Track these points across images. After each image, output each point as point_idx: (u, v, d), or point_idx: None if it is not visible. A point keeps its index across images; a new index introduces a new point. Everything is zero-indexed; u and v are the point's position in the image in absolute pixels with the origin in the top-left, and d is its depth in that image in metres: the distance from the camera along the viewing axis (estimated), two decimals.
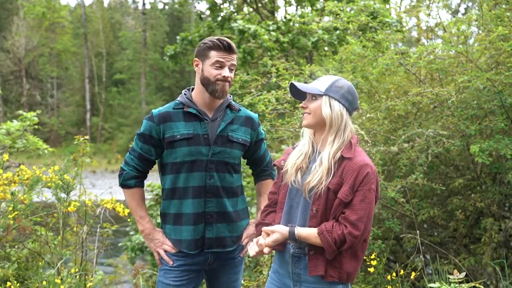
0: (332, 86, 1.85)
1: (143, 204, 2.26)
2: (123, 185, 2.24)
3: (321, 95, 1.84)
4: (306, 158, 1.89)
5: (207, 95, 2.17)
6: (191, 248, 2.17)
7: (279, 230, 1.79)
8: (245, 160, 2.46)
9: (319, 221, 1.79)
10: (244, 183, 6.24)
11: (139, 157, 2.21)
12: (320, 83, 1.87)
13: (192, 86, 2.29)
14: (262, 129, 2.42)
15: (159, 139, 2.16)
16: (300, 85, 1.88)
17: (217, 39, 2.15)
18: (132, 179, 2.22)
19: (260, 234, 1.90)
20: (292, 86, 1.90)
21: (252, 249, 1.81)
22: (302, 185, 1.84)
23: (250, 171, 2.57)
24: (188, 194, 2.15)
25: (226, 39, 2.16)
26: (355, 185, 1.76)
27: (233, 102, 2.28)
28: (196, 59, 2.20)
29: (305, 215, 1.83)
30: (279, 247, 1.89)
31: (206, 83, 2.15)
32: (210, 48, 2.14)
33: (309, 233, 1.78)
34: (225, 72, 2.13)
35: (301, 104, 1.90)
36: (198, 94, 2.20)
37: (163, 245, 2.22)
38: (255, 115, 2.33)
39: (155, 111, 2.20)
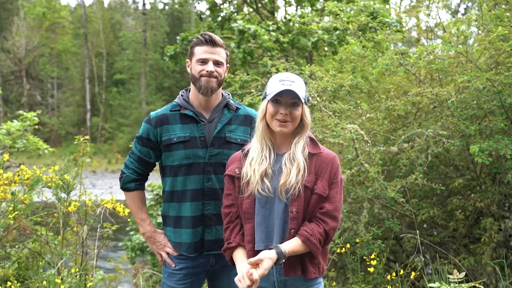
0: (306, 92, 1.85)
1: (143, 207, 2.26)
2: (124, 188, 2.25)
3: (301, 102, 1.81)
4: (269, 162, 1.82)
5: (200, 95, 2.15)
6: (190, 251, 2.17)
7: (268, 257, 1.69)
8: None
9: (300, 222, 1.78)
10: None
11: (139, 160, 2.21)
12: (299, 88, 1.79)
13: (189, 87, 2.27)
14: None
15: (157, 142, 2.16)
16: (299, 93, 1.78)
17: (200, 35, 2.12)
18: (132, 182, 2.22)
19: (229, 259, 1.87)
20: (289, 92, 1.77)
21: (243, 283, 1.68)
22: (275, 190, 1.78)
23: None
24: (187, 197, 2.15)
25: (208, 33, 2.12)
26: (331, 178, 1.80)
27: (231, 101, 2.24)
28: (187, 60, 2.21)
29: (284, 219, 1.79)
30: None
31: (194, 80, 2.14)
32: (194, 45, 2.13)
33: (294, 245, 1.74)
34: (209, 67, 2.09)
35: (283, 111, 1.78)
36: (193, 95, 2.19)
37: (165, 247, 2.22)
38: (255, 113, 2.27)
39: (153, 113, 2.19)
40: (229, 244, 1.88)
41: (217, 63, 2.12)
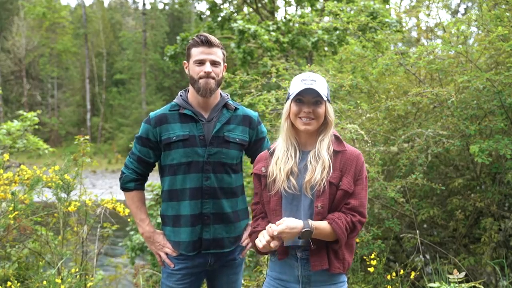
0: (328, 89, 1.89)
1: (143, 207, 2.26)
2: (123, 188, 2.25)
3: (324, 100, 1.85)
4: (295, 161, 1.87)
5: (199, 96, 2.16)
6: (189, 250, 2.18)
7: (290, 219, 1.72)
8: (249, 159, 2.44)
9: (325, 217, 1.80)
10: (244, 183, 6.23)
11: (138, 160, 2.22)
12: (321, 87, 1.83)
13: (187, 87, 2.28)
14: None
15: (157, 142, 2.17)
16: (321, 91, 1.81)
17: (196, 36, 2.12)
18: (131, 182, 2.23)
19: (253, 243, 1.86)
20: (311, 91, 1.80)
21: (262, 240, 1.72)
22: (300, 187, 1.83)
23: (250, 170, 2.55)
24: (185, 196, 2.15)
25: (204, 34, 2.13)
26: (356, 174, 1.83)
27: (230, 101, 2.25)
28: (185, 61, 2.22)
29: (310, 215, 1.82)
30: (281, 255, 1.87)
31: (192, 82, 2.15)
32: (191, 46, 2.14)
33: (321, 224, 1.76)
34: (206, 67, 2.10)
35: (307, 110, 1.82)
36: (192, 95, 2.20)
37: (164, 247, 2.22)
38: (254, 114, 2.31)
39: (152, 114, 2.20)
40: (255, 228, 1.93)
41: (214, 63, 2.13)
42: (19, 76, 33.42)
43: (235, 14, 10.74)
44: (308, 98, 1.83)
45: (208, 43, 2.11)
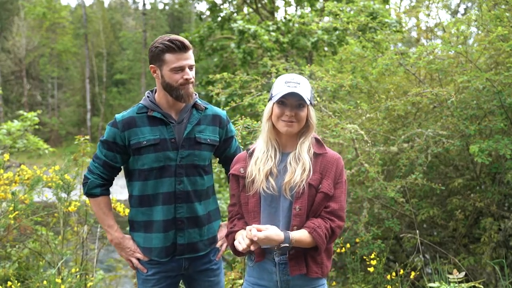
0: (311, 93, 1.87)
1: (110, 213, 2.18)
2: (88, 194, 2.15)
3: (306, 104, 1.83)
4: (274, 162, 1.85)
5: (171, 98, 2.07)
6: (161, 256, 2.12)
7: (273, 230, 1.71)
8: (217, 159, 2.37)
9: (303, 219, 1.79)
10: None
11: (104, 165, 2.12)
12: (304, 90, 1.81)
13: (155, 88, 2.17)
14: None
15: (124, 146, 2.07)
16: (304, 95, 1.80)
17: (168, 40, 1.99)
18: (97, 188, 2.13)
19: (231, 244, 1.86)
20: (294, 94, 1.78)
21: (243, 243, 1.70)
22: (279, 188, 1.81)
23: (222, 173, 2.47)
24: (158, 201, 2.08)
25: (177, 37, 2.01)
26: (336, 177, 1.82)
27: (199, 101, 2.18)
28: (152, 65, 2.06)
29: (288, 217, 1.81)
30: (258, 257, 1.84)
31: (170, 89, 2.03)
32: (163, 51, 1.99)
33: (301, 235, 1.74)
34: (186, 74, 2.01)
35: (289, 113, 1.80)
36: (161, 97, 2.09)
37: (134, 253, 2.15)
38: (223, 112, 2.25)
39: (118, 116, 2.10)
40: (232, 228, 1.92)
41: (190, 68, 2.05)
42: (19, 76, 33.42)
43: (235, 14, 10.74)
44: (291, 101, 1.80)
45: (184, 48, 1.99)
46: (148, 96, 2.14)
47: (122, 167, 2.18)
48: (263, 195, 1.83)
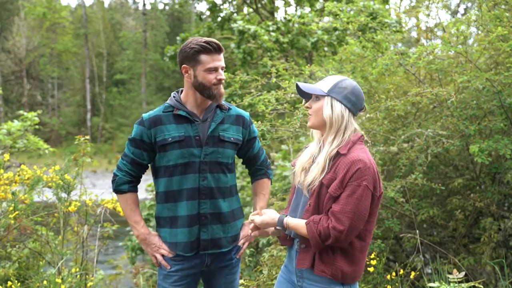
0: (336, 87, 1.85)
1: (137, 209, 2.25)
2: (117, 190, 2.24)
3: (323, 96, 1.85)
4: (311, 159, 1.92)
5: (199, 97, 2.16)
6: (186, 250, 2.17)
7: (269, 214, 1.90)
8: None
9: (311, 215, 1.83)
10: (244, 183, 6.24)
11: (132, 162, 2.20)
12: (324, 84, 1.88)
13: (181, 88, 2.27)
14: (257, 128, 2.42)
15: (151, 143, 2.15)
16: (304, 86, 1.89)
17: (205, 42, 2.09)
18: (125, 184, 2.21)
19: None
20: (297, 86, 1.92)
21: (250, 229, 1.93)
22: (303, 184, 1.89)
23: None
24: (183, 197, 2.15)
25: (213, 40, 2.11)
26: (345, 179, 1.75)
27: (223, 101, 2.26)
28: (185, 65, 2.15)
29: (303, 211, 1.88)
30: (287, 242, 1.96)
31: (202, 88, 2.13)
32: (199, 52, 2.09)
33: (297, 223, 1.83)
34: (220, 75, 2.12)
35: (305, 104, 1.92)
36: (189, 96, 2.19)
37: (159, 249, 2.21)
38: (246, 113, 2.32)
39: (145, 115, 2.18)
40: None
41: (222, 69, 2.16)
42: (19, 76, 33.41)
43: (235, 15, 10.75)
44: (302, 93, 1.95)
45: (219, 50, 2.12)
46: (174, 96, 2.23)
47: (149, 164, 2.26)
48: (297, 188, 1.94)
